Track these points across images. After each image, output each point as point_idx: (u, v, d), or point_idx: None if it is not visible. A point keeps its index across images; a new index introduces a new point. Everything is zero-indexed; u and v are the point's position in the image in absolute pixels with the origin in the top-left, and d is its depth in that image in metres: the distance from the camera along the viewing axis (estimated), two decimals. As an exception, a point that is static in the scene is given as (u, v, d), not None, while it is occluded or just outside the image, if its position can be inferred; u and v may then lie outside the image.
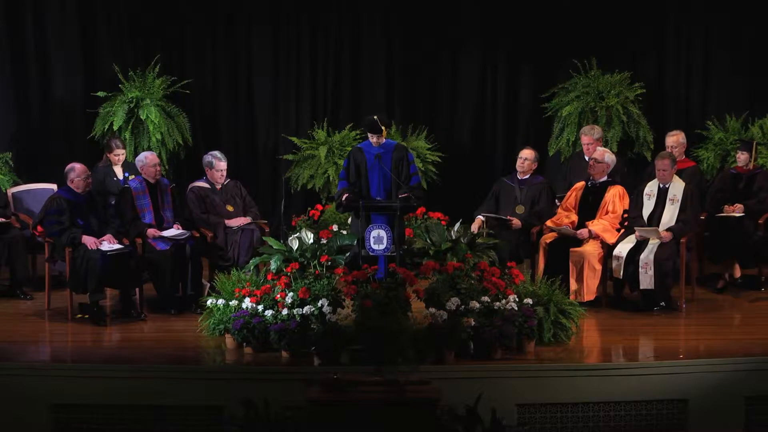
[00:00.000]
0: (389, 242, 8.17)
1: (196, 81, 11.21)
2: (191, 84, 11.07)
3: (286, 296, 7.61)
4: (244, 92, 11.54)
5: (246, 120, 11.55)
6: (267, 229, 9.30)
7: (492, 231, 8.92)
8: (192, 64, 11.36)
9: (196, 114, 11.29)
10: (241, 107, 11.54)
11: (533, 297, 7.77)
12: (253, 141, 11.58)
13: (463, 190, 11.15)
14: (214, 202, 9.26)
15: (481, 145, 11.63)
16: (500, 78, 11.54)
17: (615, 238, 8.88)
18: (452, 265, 7.83)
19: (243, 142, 11.57)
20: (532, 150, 9.52)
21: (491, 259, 8.30)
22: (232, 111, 11.53)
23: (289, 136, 11.21)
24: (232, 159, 11.28)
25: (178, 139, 10.76)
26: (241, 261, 8.93)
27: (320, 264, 7.85)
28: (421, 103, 11.62)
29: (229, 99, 11.51)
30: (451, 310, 7.48)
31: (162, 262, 8.65)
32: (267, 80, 11.50)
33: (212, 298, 7.91)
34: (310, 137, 11.16)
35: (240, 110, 11.55)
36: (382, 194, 8.65)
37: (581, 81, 10.86)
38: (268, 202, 11.34)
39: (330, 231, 9.97)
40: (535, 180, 9.47)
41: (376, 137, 8.58)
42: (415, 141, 11.06)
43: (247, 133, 11.57)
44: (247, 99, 11.54)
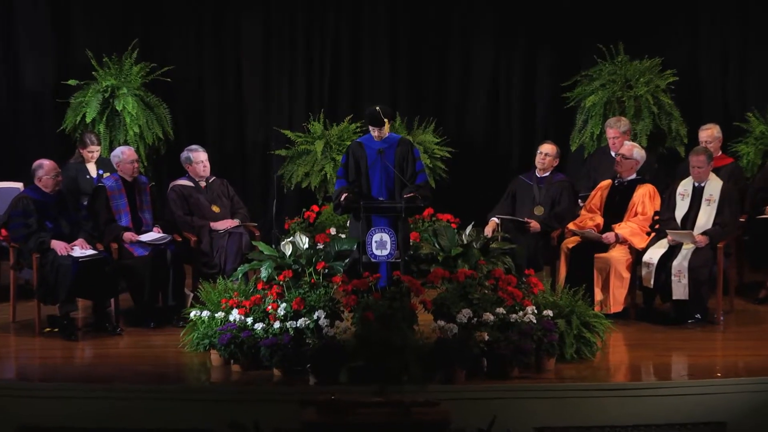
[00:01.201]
0: (393, 247, 8.16)
1: (178, 68, 11.21)
2: (173, 71, 11.06)
3: (278, 308, 7.60)
4: (232, 80, 11.55)
5: (234, 111, 11.56)
6: (257, 232, 9.29)
7: (508, 235, 8.91)
8: (174, 50, 11.36)
9: (178, 105, 11.29)
10: (229, 97, 11.55)
11: (554, 308, 7.75)
12: (241, 135, 11.58)
13: (476, 189, 11.15)
14: (198, 202, 9.25)
15: (495, 140, 11.63)
16: (516, 65, 11.54)
17: (645, 243, 8.86)
18: (463, 273, 7.82)
19: (230, 136, 11.57)
20: (553, 145, 9.51)
21: (507, 266, 8.28)
22: (218, 101, 11.54)
23: (282, 130, 11.21)
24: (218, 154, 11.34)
25: (158, 132, 10.75)
26: (228, 268, 8.92)
27: (316, 272, 7.84)
28: (429, 93, 11.62)
29: (214, 88, 11.51)
30: (462, 323, 7.47)
31: (140, 269, 8.64)
32: (257, 66, 11.49)
33: (196, 310, 7.90)
34: (305, 130, 11.16)
35: (227, 100, 11.55)
36: (385, 194, 8.63)
37: (607, 68, 10.85)
38: (258, 202, 11.33)
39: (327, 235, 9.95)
40: (556, 178, 9.45)
41: (377, 130, 8.56)
42: (421, 135, 11.06)
43: (235, 126, 11.58)
44: (235, 88, 11.55)
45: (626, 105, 10.64)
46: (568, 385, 7.35)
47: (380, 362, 7.12)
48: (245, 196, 10.40)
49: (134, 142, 10.51)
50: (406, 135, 10.74)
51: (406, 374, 7.12)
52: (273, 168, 11.14)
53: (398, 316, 7.39)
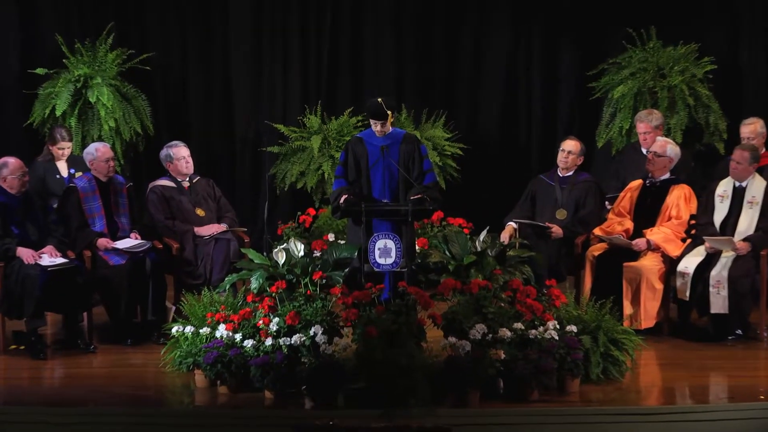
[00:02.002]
0: (398, 255, 8.16)
1: (158, 55, 11.23)
2: (153, 59, 11.08)
3: (270, 323, 7.60)
4: (219, 69, 11.56)
5: (221, 103, 11.57)
6: (246, 239, 9.29)
7: (526, 241, 8.91)
8: (154, 35, 11.38)
9: (158, 96, 11.31)
10: (215, 88, 11.56)
11: (578, 323, 7.75)
12: (229, 130, 11.60)
13: (490, 190, 11.15)
14: (181, 204, 9.26)
15: (512, 135, 11.64)
16: (536, 51, 11.55)
17: (679, 251, 8.86)
18: (477, 284, 7.82)
19: (217, 131, 11.58)
20: (577, 141, 9.51)
21: (525, 277, 8.28)
22: (203, 92, 11.56)
23: (275, 124, 11.22)
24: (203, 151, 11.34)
25: (136, 127, 10.76)
26: (214, 278, 8.93)
27: (313, 282, 7.83)
28: (438, 83, 11.63)
29: (199, 77, 11.53)
30: (476, 340, 7.46)
31: (116, 279, 8.64)
32: (246, 53, 11.50)
33: (178, 325, 7.90)
34: (301, 125, 11.17)
35: (213, 91, 11.56)
36: (388, 195, 8.63)
37: (637, 55, 10.85)
38: (247, 205, 11.34)
39: (325, 241, 9.99)
40: (580, 178, 9.46)
41: (380, 124, 8.56)
42: (430, 130, 11.07)
43: (222, 119, 11.59)
44: (222, 77, 11.56)
45: (659, 96, 10.63)
46: (594, 409, 7.32)
47: (384, 384, 7.10)
48: (233, 198, 10.40)
49: (109, 137, 10.52)
50: (412, 130, 10.76)
51: (413, 397, 7.09)
52: (264, 167, 11.15)
53: (404, 332, 7.37)
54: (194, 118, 11.53)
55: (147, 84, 11.07)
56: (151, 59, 11.03)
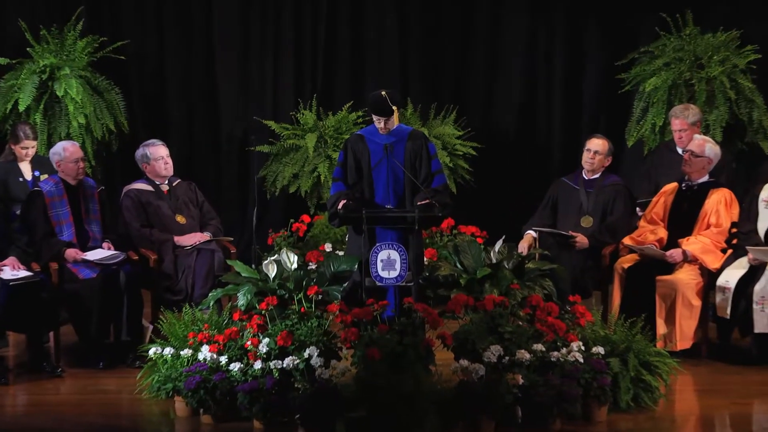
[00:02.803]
0: (403, 268, 8.15)
1: (134, 43, 11.24)
2: (127, 47, 11.08)
3: (259, 344, 7.59)
4: (202, 58, 11.57)
5: (204, 97, 11.58)
6: (233, 249, 9.29)
7: (548, 252, 8.91)
8: (128, 20, 11.37)
9: (134, 89, 11.32)
10: (198, 80, 11.56)
11: (605, 344, 7.74)
12: (214, 127, 11.61)
13: (507, 194, 11.14)
14: (159, 211, 9.26)
15: (531, 133, 11.65)
16: (558, 39, 11.56)
17: (719, 263, 8.85)
18: (492, 300, 7.81)
19: (200, 129, 11.59)
20: (604, 139, 9.50)
21: (547, 292, 8.28)
22: (184, 85, 11.57)
23: (264, 120, 11.22)
24: (185, 151, 11.34)
25: (108, 123, 10.76)
26: (196, 294, 8.94)
27: (307, 298, 7.83)
28: (449, 74, 11.63)
29: (179, 68, 11.54)
30: (491, 363, 7.46)
31: (86, 295, 8.64)
32: (233, 41, 11.51)
33: (156, 347, 7.90)
34: (294, 121, 11.17)
35: (196, 83, 11.57)
36: (393, 200, 8.63)
37: (672, 43, 10.85)
38: (234, 211, 11.34)
39: (321, 252, 9.97)
40: (608, 181, 9.45)
41: (384, 121, 8.56)
42: (439, 126, 11.06)
43: (206, 115, 11.60)
44: (205, 68, 11.56)
45: (696, 89, 10.63)
46: (624, 440, 7.34)
47: (387, 413, 7.09)
48: (218, 204, 10.40)
49: (79, 135, 10.51)
50: (419, 126, 10.75)
51: (420, 428, 7.09)
52: (253, 168, 11.13)
53: (410, 354, 7.36)
54: (174, 113, 11.53)
55: (121, 75, 11.08)
56: (126, 48, 11.04)
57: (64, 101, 10.55)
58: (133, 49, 11.19)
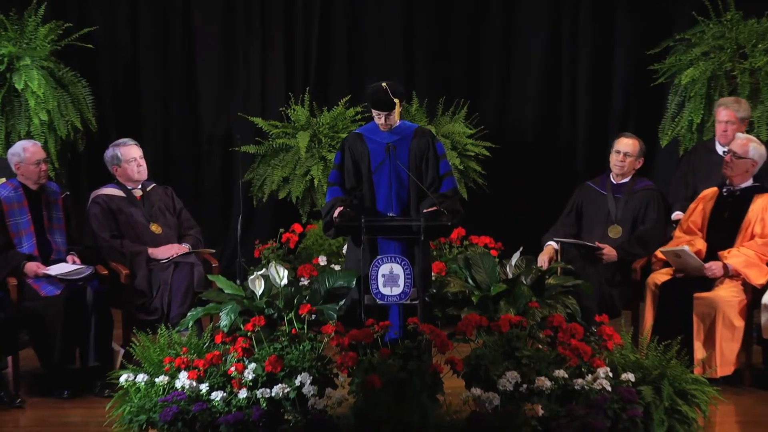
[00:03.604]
0: (407, 284, 8.15)
1: (103, 30, 11.24)
2: (96, 35, 11.09)
3: (244, 370, 7.59)
4: (180, 47, 11.59)
5: (182, 91, 11.61)
6: (215, 262, 9.30)
7: (571, 266, 8.91)
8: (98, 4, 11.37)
9: (103, 82, 11.31)
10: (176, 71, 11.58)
11: (636, 370, 7.74)
12: (193, 124, 11.63)
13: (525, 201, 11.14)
14: (132, 219, 9.26)
15: (552, 131, 11.67)
16: (583, 24, 11.56)
17: (765, 278, 8.85)
18: (508, 320, 7.82)
19: (178, 126, 11.61)
20: (635, 139, 9.50)
21: (570, 311, 8.29)
22: (160, 77, 11.58)
23: (251, 117, 11.22)
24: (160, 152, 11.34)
25: (74, 120, 10.76)
26: (173, 313, 8.94)
27: (299, 318, 7.83)
28: (459, 65, 11.64)
29: (155, 58, 11.54)
30: (507, 392, 7.46)
31: (49, 315, 8.63)
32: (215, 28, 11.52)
33: (128, 373, 7.89)
34: (284, 118, 11.18)
35: (173, 76, 11.59)
36: (396, 207, 8.64)
37: (711, 30, 10.85)
38: (216, 219, 11.34)
39: (314, 266, 9.97)
40: (639, 185, 9.46)
41: (385, 116, 8.56)
42: (448, 124, 11.07)
43: (185, 111, 11.62)
44: (184, 58, 11.58)
45: (738, 82, 10.63)
46: (658, 479, 7.34)
47: (390, 447, 7.12)
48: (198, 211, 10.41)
49: (41, 134, 10.51)
50: (425, 124, 10.75)
51: (427, 464, 7.11)
52: (238, 171, 11.12)
53: (415, 381, 7.37)
54: (149, 109, 11.54)
55: (89, 66, 11.09)
56: (94, 35, 11.04)
57: (24, 95, 10.55)
58: (102, 36, 11.20)
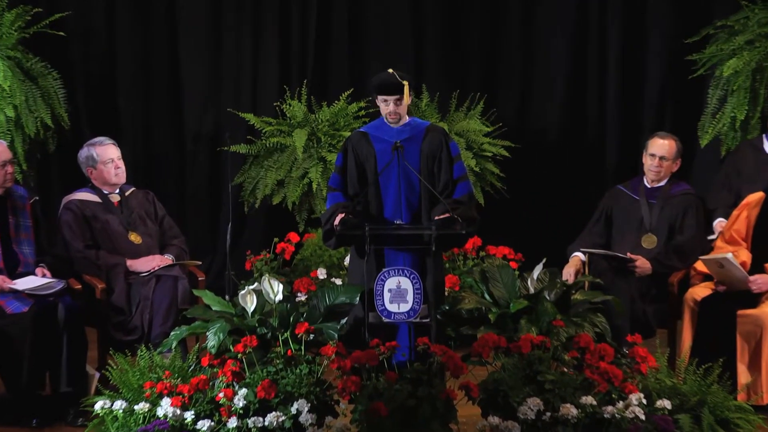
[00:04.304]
0: (417, 300, 8.14)
1: (76, 16, 11.26)
2: (69, 21, 11.11)
3: (234, 396, 7.59)
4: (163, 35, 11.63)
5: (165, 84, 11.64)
6: (201, 276, 9.31)
7: (600, 280, 8.90)
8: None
9: (77, 74, 11.33)
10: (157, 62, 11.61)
11: (673, 397, 7.73)
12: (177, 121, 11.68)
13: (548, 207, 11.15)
14: (108, 227, 9.27)
15: (578, 130, 11.71)
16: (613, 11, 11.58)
17: (817, 293, 8.87)
18: (529, 341, 7.81)
19: (160, 124, 11.63)
20: (671, 139, 9.50)
21: (599, 330, 8.28)
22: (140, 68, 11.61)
23: (241, 113, 11.23)
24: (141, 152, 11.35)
25: (44, 117, 10.77)
26: (155, 333, 8.94)
27: (295, 338, 7.83)
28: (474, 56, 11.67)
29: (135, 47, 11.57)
30: (528, 421, 7.45)
31: (15, 334, 8.63)
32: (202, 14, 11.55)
33: (105, 399, 7.89)
34: (278, 114, 11.19)
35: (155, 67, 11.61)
36: (406, 214, 8.63)
37: (756, 15, 10.86)
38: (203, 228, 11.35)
39: (313, 280, 9.96)
40: (676, 190, 9.46)
41: (393, 102, 8.52)
42: (462, 121, 11.08)
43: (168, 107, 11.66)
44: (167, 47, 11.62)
45: (787, 74, 10.68)
46: None
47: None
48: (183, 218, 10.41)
49: (7, 132, 10.52)
50: (437, 121, 10.75)
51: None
52: (227, 174, 11.12)
53: (425, 409, 7.37)
54: (127, 104, 11.56)
55: (61, 57, 11.12)
56: (67, 21, 11.06)
57: (-11, 89, 10.60)
58: (75, 23, 11.23)
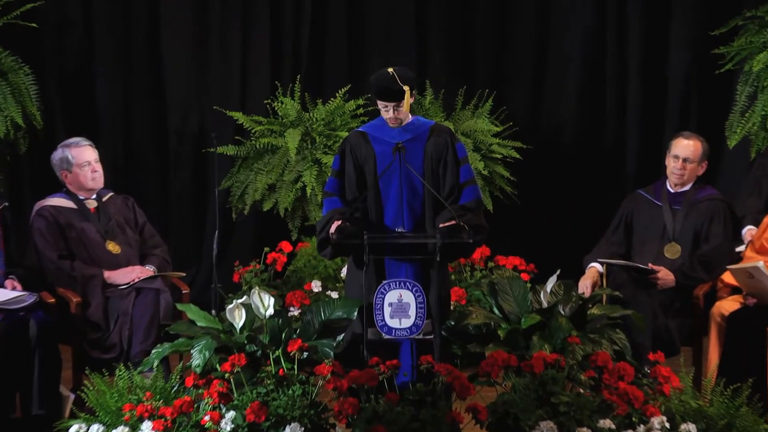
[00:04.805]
0: (420, 315, 8.14)
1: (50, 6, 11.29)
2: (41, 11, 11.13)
3: (221, 419, 7.59)
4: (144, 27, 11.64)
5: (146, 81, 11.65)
6: (185, 289, 9.30)
7: (619, 293, 8.90)
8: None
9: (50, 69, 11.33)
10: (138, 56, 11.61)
11: (699, 420, 7.73)
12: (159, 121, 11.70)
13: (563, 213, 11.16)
14: (84, 236, 9.27)
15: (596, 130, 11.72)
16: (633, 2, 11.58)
17: None
18: (542, 359, 7.81)
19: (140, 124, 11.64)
20: (696, 139, 9.50)
21: (618, 348, 8.27)
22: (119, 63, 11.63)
23: (228, 111, 11.23)
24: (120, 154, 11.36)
25: (14, 116, 10.79)
26: (134, 351, 8.96)
27: (288, 357, 7.83)
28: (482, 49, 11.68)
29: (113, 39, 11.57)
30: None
31: (-16, 352, 8.66)
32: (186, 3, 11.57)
33: (80, 423, 7.89)
34: (269, 112, 11.20)
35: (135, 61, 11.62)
36: (408, 221, 8.62)
37: (788, 7, 10.92)
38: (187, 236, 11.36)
39: (307, 293, 9.96)
40: (702, 194, 9.45)
41: (393, 108, 8.54)
42: (470, 120, 11.09)
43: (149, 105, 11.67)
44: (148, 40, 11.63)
45: (822, 70, 10.69)
46: None
47: None
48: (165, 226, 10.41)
49: (-27, 132, 10.59)
50: (442, 120, 10.76)
51: None
52: (213, 178, 11.13)
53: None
54: (105, 103, 11.56)
55: (33, 50, 11.13)
56: (39, 12, 11.07)
57: (-46, 86, 10.62)
58: (48, 14, 11.22)
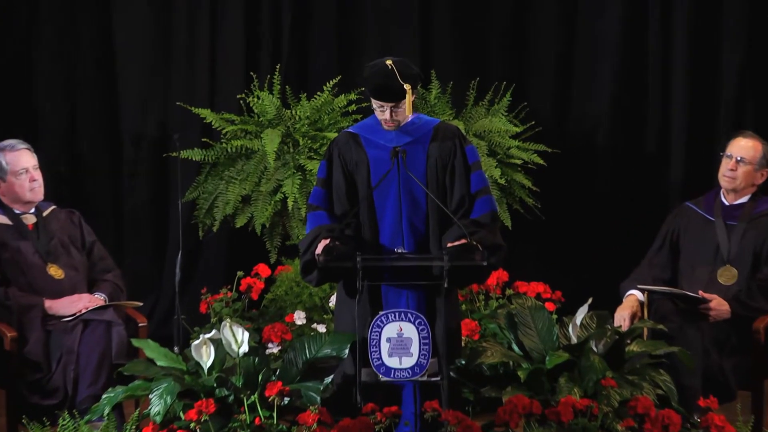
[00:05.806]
0: (424, 352, 8.11)
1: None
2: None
3: (186, 477, 7.57)
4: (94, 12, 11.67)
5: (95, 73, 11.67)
6: (142, 321, 9.27)
7: (663, 326, 8.84)
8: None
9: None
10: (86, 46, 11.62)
11: (759, 478, 7.76)
12: (111, 120, 11.73)
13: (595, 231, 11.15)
14: (21, 257, 9.27)
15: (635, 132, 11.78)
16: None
17: None
18: (571, 405, 7.77)
19: (88, 123, 11.66)
20: (755, 140, 9.50)
21: (662, 392, 8.24)
22: (63, 53, 11.66)
23: (194, 108, 11.20)
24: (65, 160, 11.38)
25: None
26: (81, 396, 8.96)
27: (266, 403, 7.79)
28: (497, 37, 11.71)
29: (58, 25, 11.61)
30: None
31: None
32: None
33: (16, 482, 7.89)
34: (243, 110, 11.21)
35: (82, 50, 11.64)
36: (408, 240, 8.61)
37: None
38: (144, 258, 11.34)
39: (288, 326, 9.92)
40: (763, 207, 9.43)
41: (390, 109, 8.53)
42: (483, 119, 11.08)
43: (98, 103, 11.70)
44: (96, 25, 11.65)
45: None
46: None
47: None
48: (119, 246, 10.39)
49: None
50: (450, 118, 10.74)
51: None
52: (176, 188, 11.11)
53: (436, 493, 7.37)
54: (46, 100, 11.58)
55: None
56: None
57: None
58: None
